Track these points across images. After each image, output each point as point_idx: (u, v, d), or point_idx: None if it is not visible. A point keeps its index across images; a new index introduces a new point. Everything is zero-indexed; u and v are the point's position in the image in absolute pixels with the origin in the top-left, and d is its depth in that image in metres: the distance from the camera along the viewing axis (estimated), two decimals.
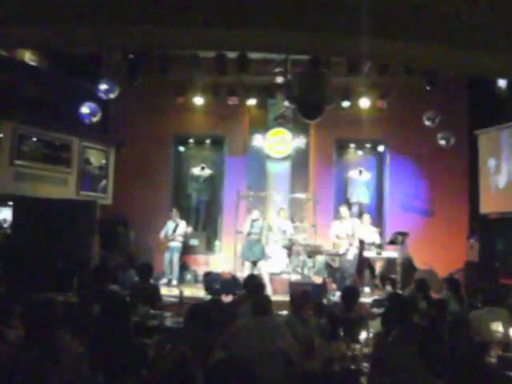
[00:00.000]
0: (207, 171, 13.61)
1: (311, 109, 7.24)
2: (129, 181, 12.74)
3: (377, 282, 11.70)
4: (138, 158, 12.85)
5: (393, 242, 11.06)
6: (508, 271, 10.72)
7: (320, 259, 11.55)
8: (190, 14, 4.77)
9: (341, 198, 13.38)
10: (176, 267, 11.60)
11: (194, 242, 12.54)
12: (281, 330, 4.82)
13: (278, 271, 11.26)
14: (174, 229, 11.74)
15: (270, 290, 10.13)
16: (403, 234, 10.97)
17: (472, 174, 12.72)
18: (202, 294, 9.96)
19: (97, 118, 11.35)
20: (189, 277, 12.10)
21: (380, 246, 11.73)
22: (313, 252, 11.32)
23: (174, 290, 10.12)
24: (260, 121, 13.23)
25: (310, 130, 13.22)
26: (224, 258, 12.14)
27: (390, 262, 11.32)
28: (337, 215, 12.22)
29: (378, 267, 11.77)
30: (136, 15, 4.85)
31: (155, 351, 4.58)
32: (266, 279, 10.28)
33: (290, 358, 4.57)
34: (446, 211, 12.78)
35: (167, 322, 6.42)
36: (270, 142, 13.02)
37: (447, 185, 12.82)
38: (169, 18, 4.86)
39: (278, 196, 12.80)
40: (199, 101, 12.83)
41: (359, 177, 13.35)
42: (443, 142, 11.91)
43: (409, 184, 13.05)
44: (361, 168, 13.42)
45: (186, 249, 12.22)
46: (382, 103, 12.74)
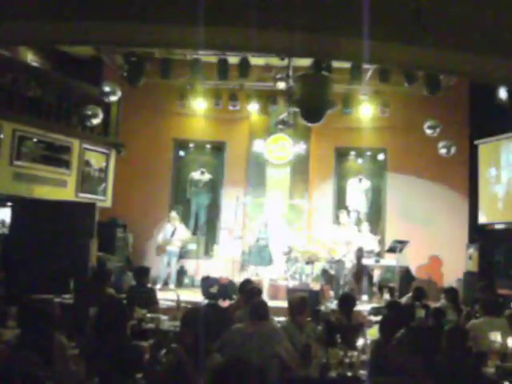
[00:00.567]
0: (207, 176, 13.59)
1: (313, 112, 7.24)
2: (128, 184, 12.73)
3: (375, 289, 11.65)
4: (138, 162, 12.84)
5: (391, 250, 11.05)
6: (507, 282, 10.70)
7: (318, 266, 11.53)
8: (183, 12, 4.73)
9: (340, 205, 13.34)
10: (174, 271, 11.57)
11: (192, 246, 12.51)
12: (278, 336, 4.80)
13: (275, 277, 11.22)
14: (173, 233, 11.68)
15: (266, 296, 10.10)
16: (402, 243, 10.96)
17: (472, 183, 12.72)
18: (199, 298, 9.93)
19: (98, 120, 11.37)
20: (186, 281, 12.08)
21: (379, 254, 11.71)
22: (311, 259, 11.29)
23: (171, 294, 10.10)
24: (261, 127, 13.23)
25: (311, 137, 13.22)
26: (222, 263, 12.10)
27: (389, 270, 11.32)
28: (335, 222, 12.22)
29: (377, 275, 11.74)
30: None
31: (151, 354, 4.57)
32: (265, 285, 10.27)
33: (286, 364, 4.55)
34: (446, 220, 12.77)
35: (163, 326, 6.40)
36: (270, 148, 13.00)
37: (447, 194, 12.81)
38: (170, 16, 4.83)
39: (277, 202, 12.78)
40: (200, 105, 12.83)
41: (359, 185, 13.33)
42: (444, 151, 11.92)
43: (408, 192, 13.02)
44: (360, 176, 13.40)
45: (184, 253, 12.21)
46: (383, 112, 12.75)
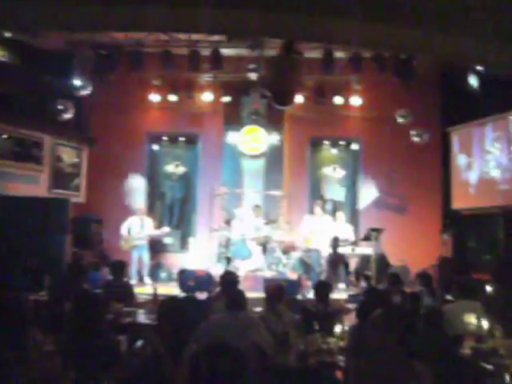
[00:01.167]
0: (181, 169, 13.52)
1: (283, 95, 7.23)
2: (102, 179, 12.59)
3: (351, 278, 11.72)
4: (111, 156, 12.70)
5: (367, 238, 11.12)
6: (480, 266, 10.84)
7: (295, 256, 11.57)
8: None
9: (315, 195, 13.41)
10: (147, 266, 11.42)
11: (169, 240, 12.44)
12: (255, 325, 4.79)
13: (252, 268, 11.22)
14: (141, 226, 11.46)
15: (243, 287, 10.09)
16: (377, 231, 11.03)
17: (445, 170, 12.85)
18: (176, 291, 9.88)
19: (69, 114, 11.24)
20: (163, 275, 11.99)
21: (354, 243, 11.77)
22: (287, 249, 11.33)
23: (148, 288, 10.04)
24: (234, 118, 13.18)
25: (284, 128, 13.23)
26: (198, 256, 12.05)
27: (365, 259, 11.40)
28: (311, 212, 12.27)
29: (353, 264, 11.81)
30: None
31: (127, 347, 4.53)
32: (242, 277, 10.26)
33: (264, 352, 4.55)
34: (420, 207, 12.88)
35: (140, 319, 6.36)
36: (244, 140, 12.98)
37: (420, 181, 12.91)
38: None
39: (252, 193, 12.79)
40: (173, 98, 12.73)
41: (333, 174, 13.40)
42: (416, 139, 12.04)
43: (382, 181, 13.11)
44: (335, 165, 13.46)
45: (159, 247, 12.12)
46: (355, 100, 12.80)
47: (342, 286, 11.11)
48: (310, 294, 9.37)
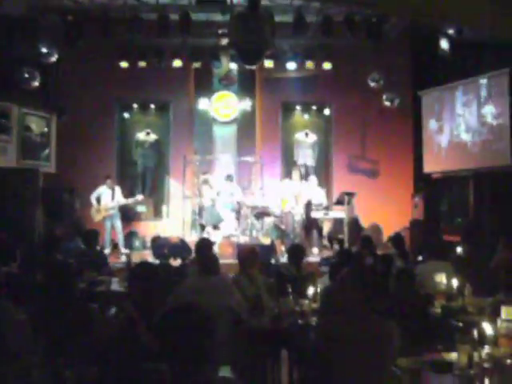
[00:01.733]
0: (152, 136, 13.38)
1: (251, 53, 7.15)
2: (73, 148, 12.42)
3: (325, 242, 11.82)
4: (81, 125, 12.52)
5: (339, 202, 11.19)
6: (451, 228, 11.00)
7: (268, 221, 11.61)
8: None
9: (287, 160, 13.43)
10: (120, 235, 11.34)
11: (142, 208, 12.37)
12: (228, 289, 4.82)
13: (226, 234, 11.24)
14: (112, 196, 11.33)
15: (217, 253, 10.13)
16: (350, 195, 11.10)
17: (416, 134, 12.94)
18: (150, 259, 9.87)
19: (36, 82, 11.00)
20: (137, 243, 11.94)
21: (327, 207, 11.84)
22: (260, 214, 11.35)
23: (122, 257, 10.02)
24: (205, 84, 13.06)
25: (256, 93, 13.16)
26: (172, 224, 12.03)
27: (338, 222, 11.47)
28: (284, 177, 12.31)
29: (326, 228, 11.89)
30: None
31: (101, 315, 4.52)
32: (216, 243, 10.29)
33: (238, 316, 4.58)
34: (392, 171, 13.00)
35: (114, 287, 6.35)
36: (215, 106, 12.89)
37: (392, 145, 12.99)
38: None
39: (224, 159, 12.75)
40: (142, 64, 12.51)
41: (305, 139, 13.39)
42: (388, 103, 12.07)
43: (355, 145, 13.17)
44: (307, 130, 13.46)
45: (132, 215, 12.06)
46: (327, 65, 12.72)
47: (315, 249, 11.20)
48: (284, 258, 9.46)
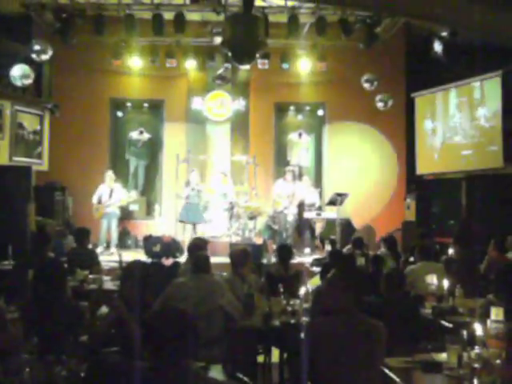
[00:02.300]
0: (146, 135, 13.36)
1: (243, 53, 7.17)
2: (65, 146, 12.42)
3: (317, 242, 11.85)
4: (75, 123, 12.52)
5: (332, 203, 11.20)
6: (443, 230, 11.04)
7: (261, 221, 11.62)
8: None
9: (281, 160, 13.45)
10: (114, 234, 11.27)
11: (134, 207, 12.35)
12: (220, 288, 4.83)
13: (219, 234, 11.24)
14: (110, 194, 11.27)
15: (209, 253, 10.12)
16: (342, 195, 11.12)
17: (409, 135, 12.98)
18: (142, 258, 9.85)
19: (29, 80, 10.98)
20: (129, 242, 11.95)
21: (320, 208, 11.87)
22: (253, 214, 11.36)
23: (114, 256, 10.00)
24: (199, 84, 13.05)
25: (250, 93, 13.16)
26: (164, 223, 12.03)
27: (330, 223, 11.49)
28: (277, 177, 12.33)
29: (318, 228, 11.92)
30: None
31: (91, 312, 4.53)
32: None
33: (229, 315, 4.59)
34: (384, 172, 13.03)
35: (106, 285, 6.35)
36: (209, 105, 12.88)
37: (385, 146, 13.04)
38: None
39: (218, 159, 12.75)
40: (136, 63, 12.51)
41: (299, 139, 13.42)
42: (381, 105, 12.10)
43: (347, 146, 13.20)
44: (300, 131, 13.49)
45: (125, 214, 12.04)
46: (321, 66, 12.76)
47: (307, 250, 11.22)
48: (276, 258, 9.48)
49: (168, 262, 8.75)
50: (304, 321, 4.51)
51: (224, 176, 11.95)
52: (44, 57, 11.12)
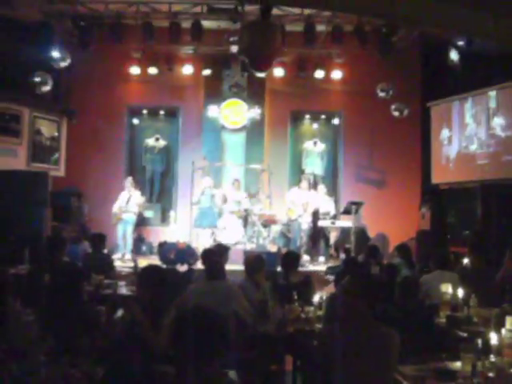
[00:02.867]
0: (162, 142, 13.47)
1: (260, 60, 7.19)
2: (82, 152, 12.52)
3: (331, 251, 11.83)
4: (91, 129, 12.60)
5: (347, 211, 11.19)
6: (458, 240, 10.96)
7: (275, 229, 11.62)
8: None
9: (295, 168, 13.47)
10: (130, 240, 11.32)
11: (149, 213, 12.42)
12: (234, 294, 4.85)
13: (233, 242, 11.25)
14: (128, 200, 11.36)
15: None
16: (357, 204, 11.10)
17: (424, 145, 12.93)
18: (157, 264, 9.88)
19: (48, 87, 11.10)
20: (144, 248, 11.98)
21: (334, 216, 11.85)
22: (268, 222, 11.37)
23: (129, 262, 10.05)
24: (215, 91, 13.10)
25: (265, 101, 13.19)
26: (179, 229, 12.06)
27: (344, 232, 11.47)
28: (291, 185, 12.34)
29: (333, 236, 11.89)
30: None
31: (106, 316, 4.55)
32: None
33: (243, 321, 4.61)
34: (399, 182, 12.98)
35: (121, 291, 6.39)
36: (224, 113, 12.93)
37: (400, 156, 12.99)
38: None
39: (232, 167, 12.79)
40: (153, 71, 12.62)
41: (314, 148, 13.43)
42: (397, 114, 12.08)
43: (363, 155, 13.18)
44: (315, 139, 13.50)
45: (141, 221, 12.08)
46: (336, 74, 12.80)
47: (321, 258, 11.20)
48: None
49: (182, 268, 8.78)
50: (317, 328, 4.52)
51: (238, 183, 11.99)
52: (63, 64, 11.27)
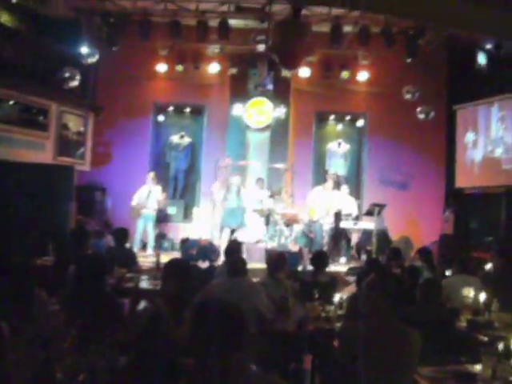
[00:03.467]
0: (186, 140, 13.55)
1: (290, 58, 7.23)
2: (107, 147, 12.67)
3: (353, 252, 11.82)
4: (117, 125, 12.75)
5: (369, 213, 11.15)
6: (481, 244, 10.88)
7: (297, 229, 11.62)
8: None
9: (319, 169, 13.47)
10: (151, 235, 11.39)
11: (172, 210, 12.51)
12: (255, 290, 4.87)
13: (255, 240, 11.29)
14: (148, 195, 11.34)
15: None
16: (380, 206, 11.06)
17: (449, 148, 12.85)
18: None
19: (75, 82, 11.25)
20: (166, 244, 12.07)
21: (357, 217, 11.82)
22: (290, 221, 11.38)
23: (151, 257, 10.14)
24: (240, 90, 13.16)
25: (290, 101, 13.22)
26: (202, 227, 12.12)
27: (366, 233, 11.44)
28: (315, 185, 12.33)
29: (355, 238, 11.88)
30: None
31: (130, 309, 4.61)
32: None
33: (264, 318, 4.63)
34: (423, 184, 12.92)
35: (143, 284, 6.45)
36: (249, 112, 12.98)
37: (425, 158, 12.93)
38: None
39: (256, 165, 12.83)
40: (179, 69, 12.71)
41: (338, 149, 13.42)
42: (422, 116, 12.03)
43: (387, 157, 13.13)
44: (340, 140, 13.49)
45: (163, 217, 12.16)
46: (362, 76, 12.78)
47: (343, 259, 11.19)
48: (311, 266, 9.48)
49: (204, 265, 8.84)
50: (337, 327, 4.53)
51: (261, 182, 12.02)
52: (91, 60, 11.41)
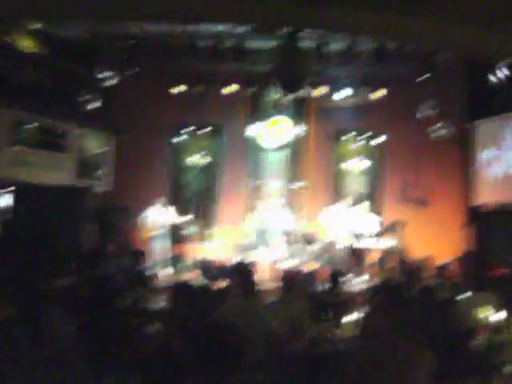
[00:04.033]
0: (205, 160, 13.60)
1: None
2: (127, 168, 12.74)
3: (372, 271, 11.70)
4: (136, 146, 12.82)
5: (389, 230, 11.09)
6: (501, 262, 10.72)
7: (316, 248, 11.57)
8: None
9: (339, 187, 13.39)
10: (168, 256, 11.48)
11: (190, 230, 12.53)
12: (269, 311, 4.86)
13: (273, 259, 11.26)
14: (162, 215, 11.46)
15: (266, 277, 10.15)
16: (400, 224, 10.99)
17: (470, 164, 12.73)
18: (199, 279, 9.95)
19: (95, 104, 11.41)
20: (183, 265, 12.08)
21: (376, 235, 11.73)
22: (309, 240, 11.34)
23: (169, 277, 10.17)
24: (259, 109, 13.21)
25: (310, 119, 13.21)
26: (219, 247, 12.13)
27: (385, 251, 11.35)
28: (334, 203, 12.29)
29: (373, 256, 11.77)
30: None
31: (144, 330, 4.63)
32: (264, 267, 10.33)
33: (277, 338, 4.61)
34: (443, 201, 12.79)
35: (160, 305, 6.46)
36: (268, 131, 13.01)
37: (445, 175, 12.82)
38: None
39: (276, 185, 12.82)
40: (197, 89, 12.80)
41: (357, 166, 13.37)
42: (442, 132, 11.96)
43: (407, 174, 13.04)
44: (359, 157, 13.44)
45: (181, 237, 12.19)
46: (381, 93, 12.75)
47: (361, 278, 11.08)
48: (328, 285, 9.41)
49: (221, 285, 8.82)
50: (351, 348, 4.48)
51: (280, 201, 12.01)
52: (110, 82, 11.57)
